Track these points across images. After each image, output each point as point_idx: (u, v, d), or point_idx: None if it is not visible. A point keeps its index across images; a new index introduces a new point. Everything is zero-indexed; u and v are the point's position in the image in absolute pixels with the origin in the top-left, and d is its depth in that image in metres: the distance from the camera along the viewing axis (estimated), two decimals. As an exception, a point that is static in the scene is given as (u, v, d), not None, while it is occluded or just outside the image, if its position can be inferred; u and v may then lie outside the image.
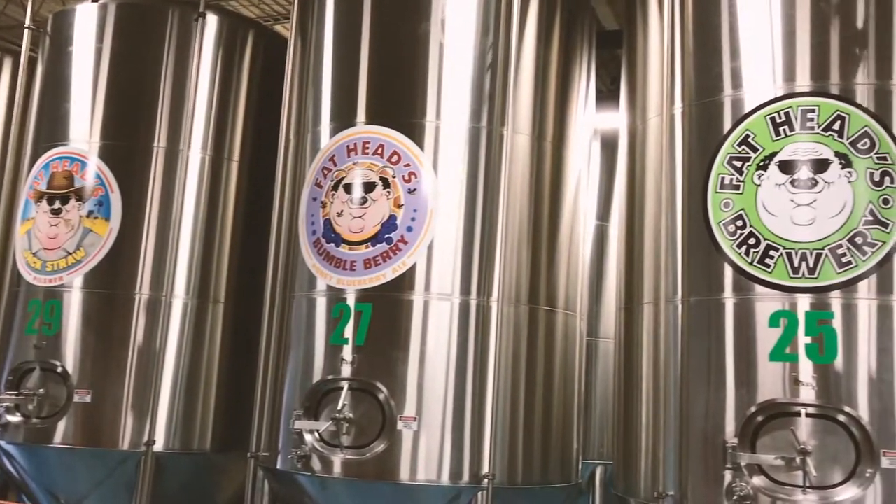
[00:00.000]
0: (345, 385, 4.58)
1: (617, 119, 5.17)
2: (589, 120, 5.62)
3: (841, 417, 3.73)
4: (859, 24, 4.05)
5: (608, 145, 6.65)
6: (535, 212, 5.02)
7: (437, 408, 4.56)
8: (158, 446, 5.51)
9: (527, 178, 5.00)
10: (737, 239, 3.98)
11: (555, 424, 4.95)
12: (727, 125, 4.13)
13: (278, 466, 4.79)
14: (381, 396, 4.55)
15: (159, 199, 5.81)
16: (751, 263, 3.93)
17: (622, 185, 4.89)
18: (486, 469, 4.49)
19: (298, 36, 5.51)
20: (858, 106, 3.92)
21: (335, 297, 4.76)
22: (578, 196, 5.37)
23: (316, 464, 4.57)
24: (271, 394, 4.99)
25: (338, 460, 4.53)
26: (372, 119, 4.91)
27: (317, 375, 4.72)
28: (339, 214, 4.79)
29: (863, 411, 3.71)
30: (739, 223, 3.99)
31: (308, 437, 4.60)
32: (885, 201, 3.82)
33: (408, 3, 5.06)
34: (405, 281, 4.66)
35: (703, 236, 4.10)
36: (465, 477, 4.51)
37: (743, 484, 3.74)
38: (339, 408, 4.50)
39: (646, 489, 4.17)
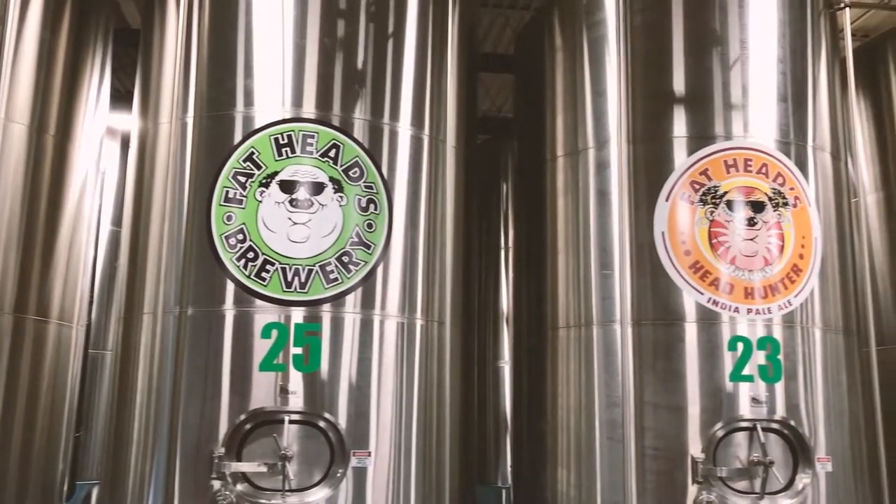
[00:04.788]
0: None
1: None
2: (102, 118, 5.30)
3: (321, 423, 4.01)
4: (359, 64, 4.47)
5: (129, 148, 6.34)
6: (29, 211, 4.56)
7: None
8: None
9: (21, 173, 4.51)
10: (237, 252, 4.07)
11: (37, 445, 4.54)
12: (236, 140, 4.22)
13: None
14: None
15: None
16: (249, 277, 4.05)
17: (130, 189, 4.68)
18: (-59, 502, 3.91)
19: None
20: (352, 138, 4.30)
21: None
22: (84, 198, 5.02)
23: None
24: None
25: None
26: None
27: None
28: None
29: (341, 416, 4.04)
30: (241, 237, 4.08)
31: None
32: (370, 225, 4.25)
33: None
34: None
35: (205, 248, 4.11)
36: (-85, 514, 3.87)
37: (227, 493, 3.81)
38: None
39: (131, 506, 4.01)
